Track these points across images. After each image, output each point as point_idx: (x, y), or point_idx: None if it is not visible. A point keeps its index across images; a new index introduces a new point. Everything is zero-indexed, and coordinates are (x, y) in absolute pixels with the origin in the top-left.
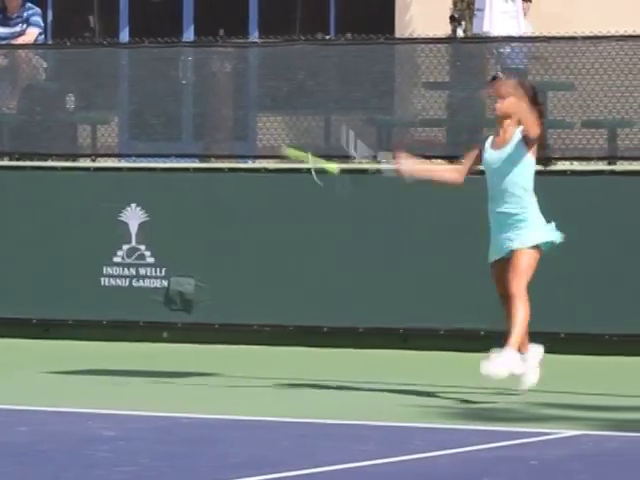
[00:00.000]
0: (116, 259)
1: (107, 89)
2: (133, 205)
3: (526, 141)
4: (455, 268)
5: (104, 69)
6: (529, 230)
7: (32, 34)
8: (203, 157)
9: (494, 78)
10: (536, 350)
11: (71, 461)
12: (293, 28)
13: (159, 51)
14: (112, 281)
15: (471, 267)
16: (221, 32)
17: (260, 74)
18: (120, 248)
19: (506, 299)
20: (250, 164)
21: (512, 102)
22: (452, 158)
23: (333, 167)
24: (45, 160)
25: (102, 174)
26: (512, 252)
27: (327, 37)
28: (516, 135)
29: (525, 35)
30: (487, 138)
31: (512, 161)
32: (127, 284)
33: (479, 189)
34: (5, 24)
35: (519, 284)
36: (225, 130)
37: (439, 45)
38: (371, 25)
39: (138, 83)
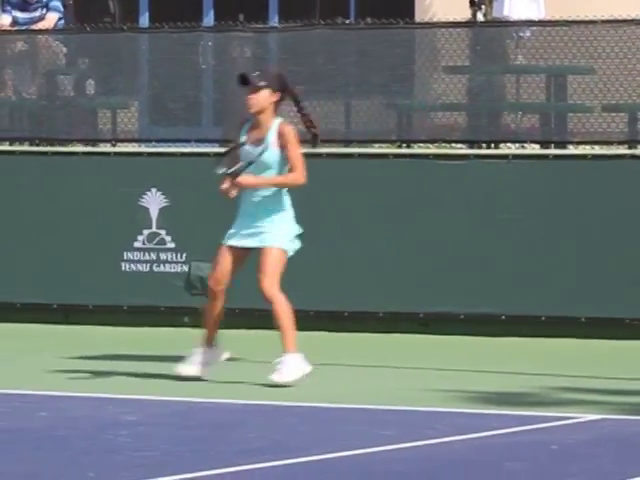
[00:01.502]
0: (137, 244)
1: (127, 74)
2: (153, 190)
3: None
4: (475, 253)
5: (124, 54)
6: (281, 228)
7: (52, 19)
8: (223, 142)
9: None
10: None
11: (91, 446)
12: (313, 13)
13: (179, 36)
14: (132, 266)
15: (491, 252)
16: (241, 17)
17: (280, 59)
18: (140, 233)
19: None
20: None
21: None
22: (472, 142)
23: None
24: (65, 145)
25: (122, 159)
26: (262, 249)
27: (347, 22)
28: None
29: (545, 19)
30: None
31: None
32: (148, 269)
33: (499, 175)
34: (25, 9)
35: (274, 284)
36: (244, 115)
37: (459, 29)
38: (391, 9)
39: (158, 68)
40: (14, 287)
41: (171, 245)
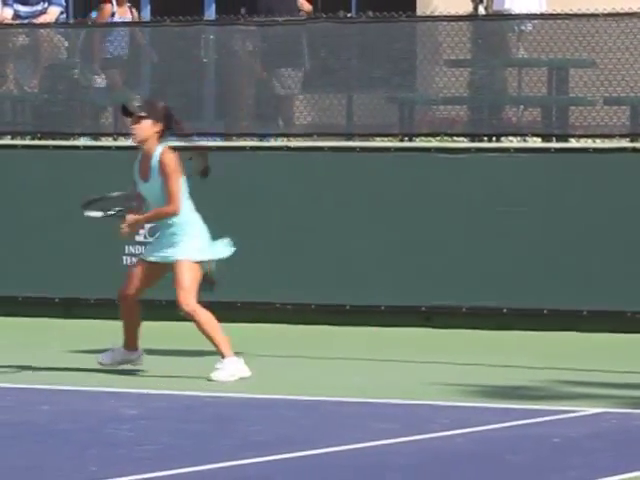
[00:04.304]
0: (138, 238)
1: (129, 68)
2: None
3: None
4: (477, 246)
5: (126, 48)
6: (187, 243)
7: (53, 13)
8: (225, 136)
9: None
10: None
11: (93, 440)
12: (315, 6)
13: (181, 30)
14: (134, 260)
15: (493, 245)
16: (242, 10)
17: (281, 52)
18: (142, 227)
19: (128, 301)
20: (272, 142)
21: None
22: (474, 136)
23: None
24: (67, 139)
25: (124, 153)
26: (173, 264)
27: (349, 15)
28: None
29: (547, 12)
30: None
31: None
32: None
33: (501, 168)
34: (27, 3)
35: (187, 298)
36: (247, 109)
37: (460, 23)
38: (393, 3)
39: (160, 62)
40: (16, 281)
41: None
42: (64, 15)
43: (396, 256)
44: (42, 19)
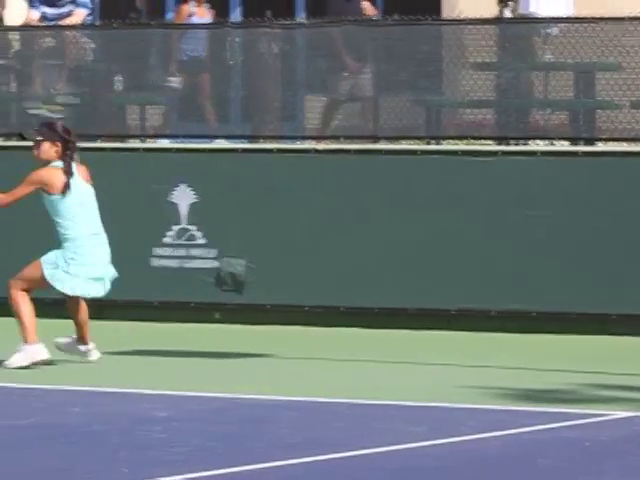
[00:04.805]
0: (166, 240)
1: (155, 70)
2: (183, 186)
3: None
4: (503, 249)
5: (152, 50)
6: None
7: (80, 15)
8: (251, 138)
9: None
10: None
11: (124, 442)
12: None
13: (206, 32)
14: (162, 262)
15: (520, 249)
16: (268, 13)
17: (307, 55)
18: (170, 229)
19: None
20: (298, 145)
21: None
22: (501, 139)
23: None
24: (94, 141)
25: (151, 155)
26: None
27: (374, 18)
28: None
29: (572, 16)
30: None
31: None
32: (178, 265)
33: (528, 172)
34: (53, 5)
35: (14, 284)
36: (273, 111)
37: (486, 26)
38: (418, 6)
39: (186, 64)
40: None
41: (202, 241)
42: (91, 17)
43: (423, 259)
44: (69, 21)
